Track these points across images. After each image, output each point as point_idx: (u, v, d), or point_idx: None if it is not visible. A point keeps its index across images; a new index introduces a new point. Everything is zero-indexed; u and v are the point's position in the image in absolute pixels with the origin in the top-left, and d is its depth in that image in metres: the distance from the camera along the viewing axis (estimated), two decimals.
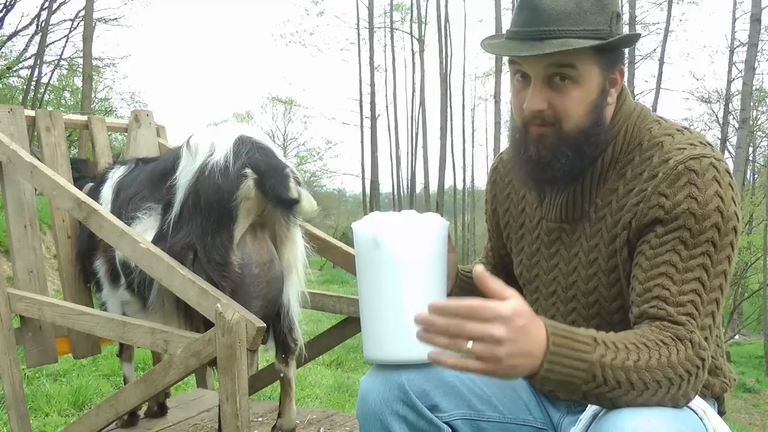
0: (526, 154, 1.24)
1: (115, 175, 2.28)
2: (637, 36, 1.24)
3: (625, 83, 1.31)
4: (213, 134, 1.89)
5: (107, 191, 2.26)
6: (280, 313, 2.03)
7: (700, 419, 1.08)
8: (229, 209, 1.81)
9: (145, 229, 1.95)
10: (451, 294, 1.44)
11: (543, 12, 1.15)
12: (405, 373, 1.24)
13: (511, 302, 0.94)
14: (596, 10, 1.16)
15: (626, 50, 1.28)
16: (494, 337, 0.92)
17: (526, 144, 1.24)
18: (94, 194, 2.27)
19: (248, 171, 1.81)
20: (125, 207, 2.07)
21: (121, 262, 2.06)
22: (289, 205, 1.84)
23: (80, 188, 2.26)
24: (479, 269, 0.95)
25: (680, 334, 1.06)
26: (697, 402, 1.10)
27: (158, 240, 1.89)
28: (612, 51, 1.20)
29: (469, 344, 0.92)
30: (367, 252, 1.24)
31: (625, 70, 1.27)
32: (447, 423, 1.28)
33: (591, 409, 1.12)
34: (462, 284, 1.48)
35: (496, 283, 0.95)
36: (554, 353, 0.97)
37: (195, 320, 1.87)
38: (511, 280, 1.55)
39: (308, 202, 1.86)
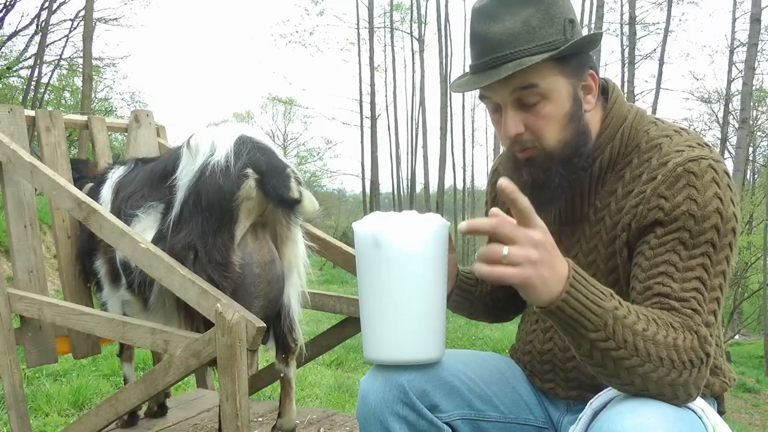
0: (521, 180, 1.23)
1: (115, 175, 2.28)
2: (598, 35, 1.22)
3: (617, 85, 1.31)
4: (213, 134, 1.89)
5: (107, 191, 2.25)
6: (281, 313, 2.03)
7: (699, 418, 1.08)
8: (230, 209, 1.81)
9: (144, 228, 1.95)
10: (451, 295, 1.44)
11: (492, 40, 1.16)
12: (405, 374, 1.24)
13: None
14: (545, 24, 1.15)
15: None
16: (532, 239, 0.96)
17: (518, 170, 1.24)
18: (94, 194, 2.27)
19: (249, 171, 1.81)
20: (124, 204, 2.07)
21: (121, 262, 2.06)
22: (291, 205, 1.84)
23: (80, 188, 2.26)
24: (505, 181, 0.96)
25: (689, 324, 1.07)
26: (696, 401, 1.10)
27: (158, 240, 1.89)
28: (573, 57, 1.19)
29: (505, 250, 0.96)
30: (367, 252, 1.23)
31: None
32: (447, 423, 1.28)
33: (590, 407, 1.12)
34: (462, 284, 1.48)
35: (526, 204, 0.97)
36: (573, 285, 0.99)
37: (195, 320, 1.87)
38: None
39: (310, 202, 1.86)
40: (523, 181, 1.23)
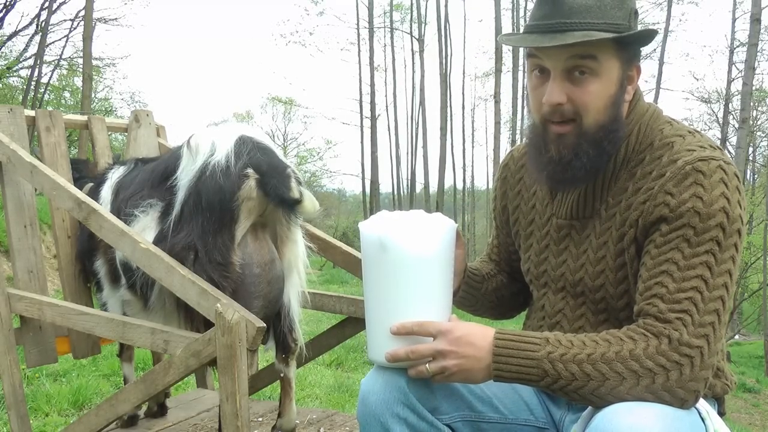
0: (547, 155, 1.24)
1: (115, 175, 2.28)
2: (654, 32, 1.24)
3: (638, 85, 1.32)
4: (213, 134, 1.89)
5: (107, 191, 2.25)
6: (281, 313, 2.03)
7: (702, 419, 1.08)
8: (230, 209, 1.81)
9: (142, 228, 1.94)
10: (458, 291, 1.45)
11: (564, 5, 1.18)
12: (406, 375, 1.24)
13: (449, 323, 1.18)
14: (616, 5, 1.18)
15: (642, 49, 1.30)
16: (438, 350, 1.14)
17: (546, 144, 1.24)
18: (94, 195, 2.27)
19: (250, 171, 1.81)
20: (124, 205, 2.07)
21: (121, 262, 2.05)
22: (291, 205, 1.84)
23: (80, 188, 2.26)
24: (394, 328, 1.18)
25: (656, 330, 1.08)
26: (700, 402, 1.10)
27: (159, 240, 1.88)
28: (630, 46, 1.22)
29: (427, 367, 1.15)
30: (373, 253, 1.23)
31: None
32: (448, 425, 1.28)
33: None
34: (469, 281, 1.48)
35: (412, 325, 1.17)
36: (499, 354, 1.11)
37: (195, 320, 1.86)
38: (515, 277, 1.56)
39: (310, 202, 1.85)
40: (549, 156, 1.24)
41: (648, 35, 1.23)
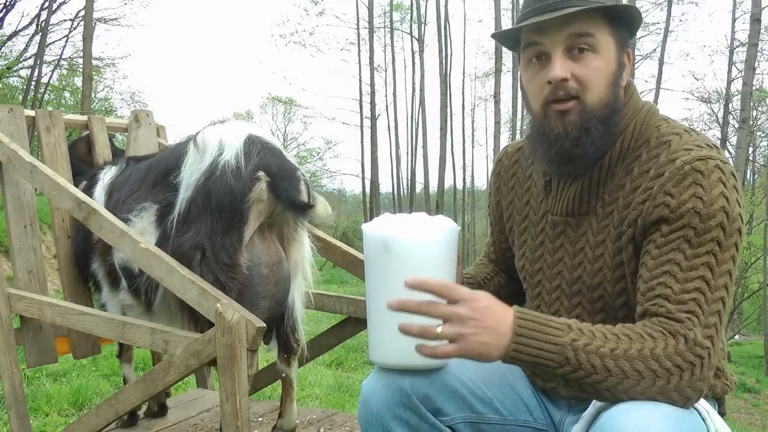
0: (552, 132, 1.23)
1: (107, 176, 2.26)
2: (639, 13, 1.27)
3: (633, 80, 1.32)
4: (221, 132, 1.86)
5: (99, 192, 2.23)
6: (284, 313, 2.03)
7: (703, 420, 1.08)
8: (240, 211, 1.79)
9: (139, 231, 1.92)
10: None
11: None
12: (407, 377, 1.24)
13: (473, 291, 1.06)
14: None
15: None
16: (458, 315, 1.03)
17: (549, 124, 1.23)
18: (87, 195, 2.25)
19: (261, 174, 1.80)
20: (119, 208, 2.04)
21: (121, 266, 2.04)
22: (302, 209, 1.83)
23: (76, 185, 2.25)
24: (410, 280, 1.05)
25: (673, 329, 1.07)
26: (701, 402, 1.10)
27: (162, 241, 1.87)
28: (622, 26, 1.24)
29: (439, 329, 1.03)
30: (376, 255, 1.23)
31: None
32: (449, 426, 1.28)
33: (594, 406, 1.12)
34: None
35: (439, 283, 1.06)
36: (520, 334, 1.04)
37: (200, 322, 1.85)
38: (513, 276, 1.55)
39: (323, 207, 1.84)
40: (556, 134, 1.23)
41: (636, 14, 1.25)
